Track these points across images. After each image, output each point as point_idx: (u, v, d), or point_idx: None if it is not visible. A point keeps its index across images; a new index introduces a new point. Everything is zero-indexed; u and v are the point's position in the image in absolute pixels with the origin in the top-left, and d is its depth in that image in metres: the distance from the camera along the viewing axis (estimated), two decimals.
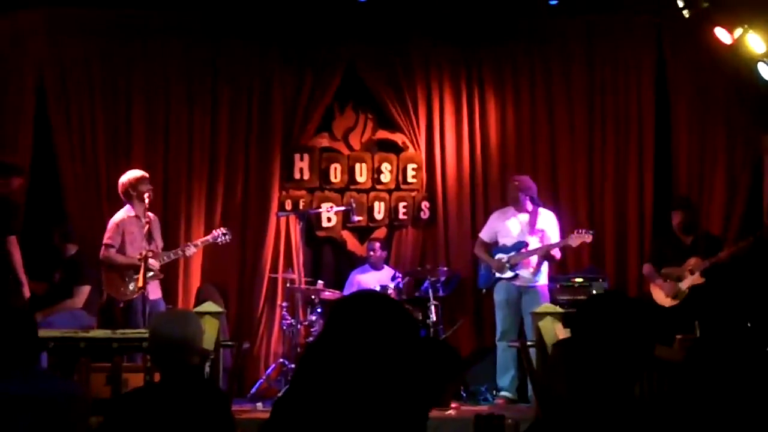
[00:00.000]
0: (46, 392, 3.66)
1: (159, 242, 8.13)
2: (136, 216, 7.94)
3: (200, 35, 9.46)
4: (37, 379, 3.73)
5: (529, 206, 8.54)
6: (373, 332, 2.52)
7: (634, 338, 2.75)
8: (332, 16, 9.39)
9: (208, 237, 8.41)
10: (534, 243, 8.46)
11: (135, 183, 7.95)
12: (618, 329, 2.75)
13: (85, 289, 8.23)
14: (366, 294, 2.76)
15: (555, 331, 6.36)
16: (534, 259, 8.46)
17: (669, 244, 8.59)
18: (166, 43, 9.40)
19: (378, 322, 2.54)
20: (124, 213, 8.00)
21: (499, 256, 8.53)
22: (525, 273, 8.45)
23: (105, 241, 7.98)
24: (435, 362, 3.60)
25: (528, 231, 8.51)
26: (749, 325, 7.74)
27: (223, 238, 8.35)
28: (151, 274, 7.73)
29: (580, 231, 8.43)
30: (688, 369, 3.27)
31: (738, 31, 8.37)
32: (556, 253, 8.54)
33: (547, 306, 7.15)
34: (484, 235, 8.80)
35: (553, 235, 8.54)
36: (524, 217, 8.56)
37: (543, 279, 8.55)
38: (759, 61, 8.47)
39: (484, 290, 8.79)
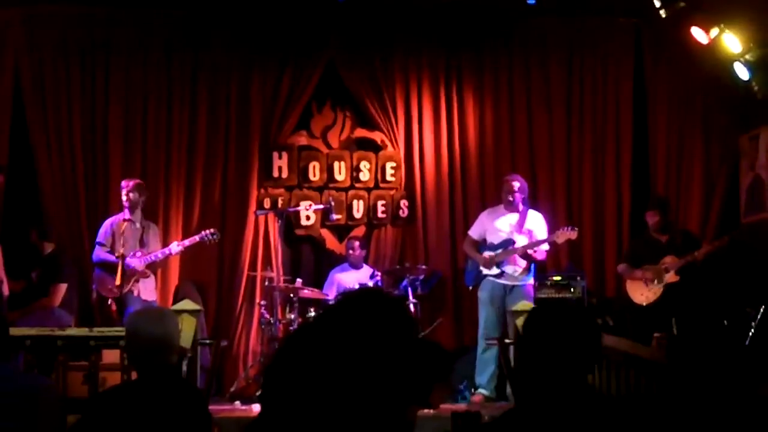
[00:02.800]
0: (14, 388, 3.64)
1: (154, 249, 8.33)
2: (131, 220, 8.17)
3: (179, 33, 9.43)
4: (4, 376, 3.71)
5: (520, 207, 8.57)
6: (374, 331, 2.50)
7: (577, 344, 2.84)
8: (312, 15, 9.39)
9: (196, 237, 8.45)
10: (521, 242, 8.48)
11: (129, 190, 8.22)
12: (561, 337, 2.85)
13: (62, 287, 8.21)
14: (374, 292, 2.73)
15: None
16: (522, 258, 8.49)
17: (645, 245, 8.64)
18: (145, 41, 9.37)
19: (381, 322, 2.52)
20: (118, 215, 8.30)
21: (486, 253, 8.55)
22: (510, 270, 8.47)
23: (97, 239, 8.30)
24: (423, 362, 3.60)
25: (516, 230, 8.53)
26: (725, 322, 7.81)
27: (211, 238, 8.42)
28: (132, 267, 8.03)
29: (565, 228, 8.47)
30: (669, 366, 3.31)
31: (714, 31, 8.42)
32: (541, 254, 8.56)
33: (525, 304, 7.18)
34: (474, 232, 8.82)
35: (541, 235, 8.55)
36: (514, 217, 8.58)
37: (530, 278, 8.57)
38: (735, 60, 8.53)
39: (471, 288, 8.80)
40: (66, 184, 9.14)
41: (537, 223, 8.63)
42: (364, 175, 9.62)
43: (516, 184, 8.60)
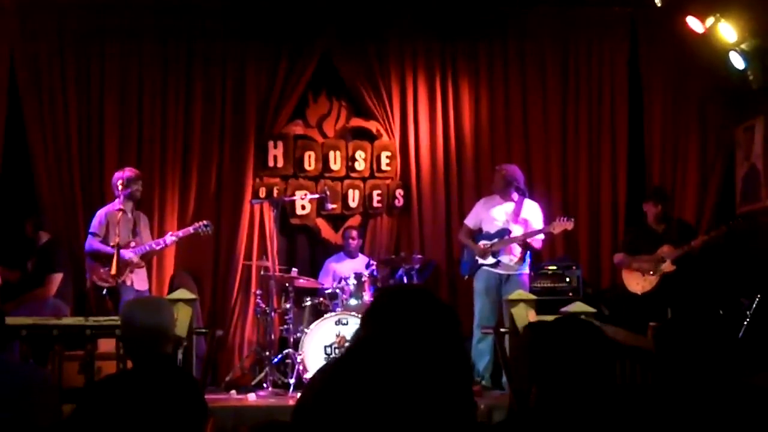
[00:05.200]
0: (10, 378, 3.64)
1: (146, 239, 8.35)
2: (123, 210, 8.12)
3: (174, 22, 9.40)
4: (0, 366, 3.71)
5: (515, 196, 8.55)
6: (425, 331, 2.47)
7: (590, 364, 2.82)
8: (307, 4, 9.37)
9: (190, 228, 8.45)
10: (517, 232, 8.45)
11: (125, 181, 8.16)
12: (572, 356, 2.82)
13: (57, 277, 8.21)
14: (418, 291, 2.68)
15: (528, 317, 6.41)
16: (518, 248, 8.49)
17: (642, 234, 8.62)
18: (140, 31, 9.34)
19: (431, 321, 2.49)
20: (111, 206, 8.25)
21: (482, 242, 8.55)
22: (506, 260, 8.46)
23: (90, 229, 8.26)
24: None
25: (512, 220, 8.51)
26: (720, 312, 7.82)
27: (204, 229, 8.41)
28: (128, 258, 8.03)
29: (561, 218, 8.45)
30: (659, 355, 3.30)
31: (710, 20, 8.42)
32: (537, 242, 8.55)
33: (520, 293, 7.17)
34: (470, 221, 8.81)
35: (537, 225, 8.54)
36: (509, 206, 8.56)
37: (526, 268, 8.57)
38: (731, 50, 8.52)
39: (466, 277, 8.78)
40: (62, 174, 9.12)
41: (533, 212, 8.61)
42: (360, 165, 9.62)
43: (503, 174, 8.59)
